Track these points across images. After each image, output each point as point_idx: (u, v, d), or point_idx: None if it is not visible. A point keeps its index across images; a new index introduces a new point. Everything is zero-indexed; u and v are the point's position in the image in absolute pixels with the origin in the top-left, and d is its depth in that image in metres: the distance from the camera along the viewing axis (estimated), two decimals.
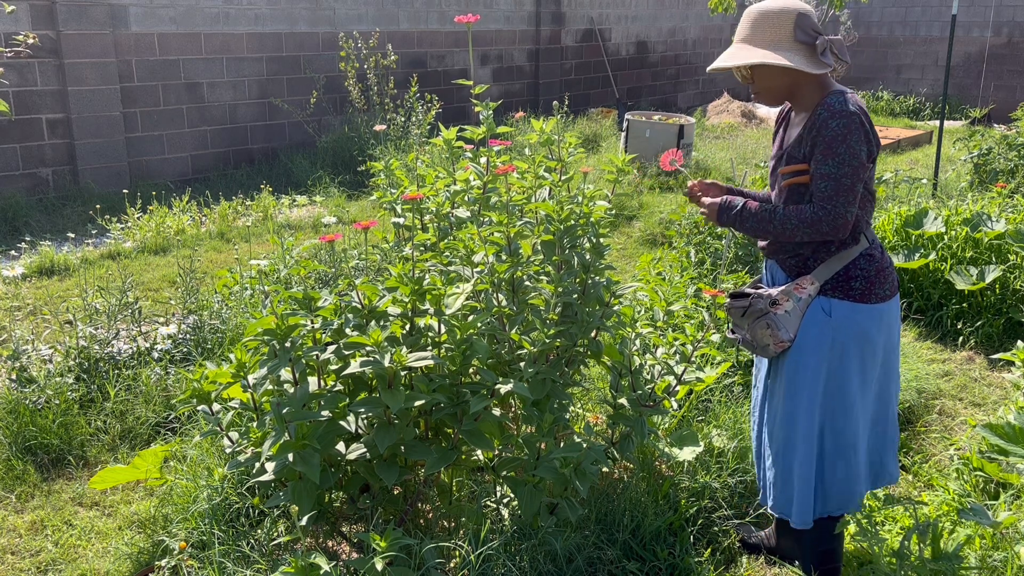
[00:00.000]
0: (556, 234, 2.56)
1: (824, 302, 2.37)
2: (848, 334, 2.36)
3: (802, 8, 2.32)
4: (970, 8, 13.66)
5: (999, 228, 4.96)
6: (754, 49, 2.32)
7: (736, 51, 2.36)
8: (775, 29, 2.31)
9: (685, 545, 2.73)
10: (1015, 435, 3.17)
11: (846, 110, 2.23)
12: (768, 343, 2.39)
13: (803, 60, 2.27)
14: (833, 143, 2.22)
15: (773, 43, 2.31)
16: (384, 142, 8.52)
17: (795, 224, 2.29)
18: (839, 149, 2.22)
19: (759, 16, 2.34)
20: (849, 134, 2.21)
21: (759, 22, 2.34)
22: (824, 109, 2.25)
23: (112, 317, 4.16)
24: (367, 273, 4.51)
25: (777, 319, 2.36)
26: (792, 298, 2.36)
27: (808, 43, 2.29)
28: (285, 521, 2.72)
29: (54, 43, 7.25)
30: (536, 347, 2.47)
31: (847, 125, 2.21)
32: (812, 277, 2.37)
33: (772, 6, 2.34)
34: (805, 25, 2.30)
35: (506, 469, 2.57)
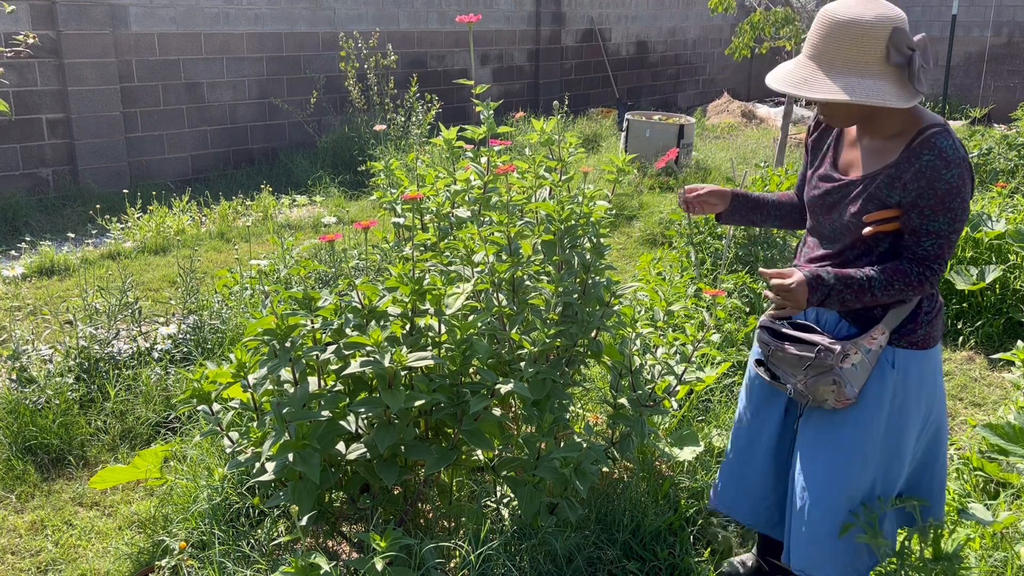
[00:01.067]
0: (556, 234, 2.56)
1: (889, 352, 2.10)
2: (911, 385, 2.12)
3: (898, 19, 1.85)
4: (970, 8, 13.66)
5: (999, 228, 4.96)
6: (833, 75, 1.87)
7: (808, 73, 1.90)
8: (863, 49, 1.85)
9: (685, 545, 2.73)
10: (1015, 435, 3.17)
11: (959, 156, 1.88)
12: (828, 398, 2.09)
13: (894, 89, 1.85)
14: (948, 197, 1.88)
15: (859, 66, 1.85)
16: (384, 142, 8.52)
17: (899, 289, 1.98)
18: (954, 204, 1.88)
19: (843, 29, 1.86)
20: (964, 186, 1.89)
21: (843, 38, 1.86)
22: (933, 154, 1.89)
23: (112, 317, 4.16)
24: (367, 273, 4.51)
25: (844, 374, 2.05)
26: (862, 351, 2.06)
27: (902, 64, 1.85)
28: (285, 521, 2.72)
29: (54, 43, 7.25)
30: (536, 347, 2.47)
31: (962, 176, 1.88)
32: (883, 326, 2.07)
33: (861, 16, 1.85)
34: (900, 43, 1.84)
35: (506, 469, 2.57)
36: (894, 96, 1.84)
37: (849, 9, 1.87)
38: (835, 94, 1.85)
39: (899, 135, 1.97)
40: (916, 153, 1.92)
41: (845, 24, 1.85)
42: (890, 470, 2.20)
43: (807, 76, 1.91)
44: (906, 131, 1.97)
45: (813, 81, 1.89)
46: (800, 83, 1.91)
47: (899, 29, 1.84)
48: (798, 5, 7.87)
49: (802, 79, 1.91)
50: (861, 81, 1.85)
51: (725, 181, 8.10)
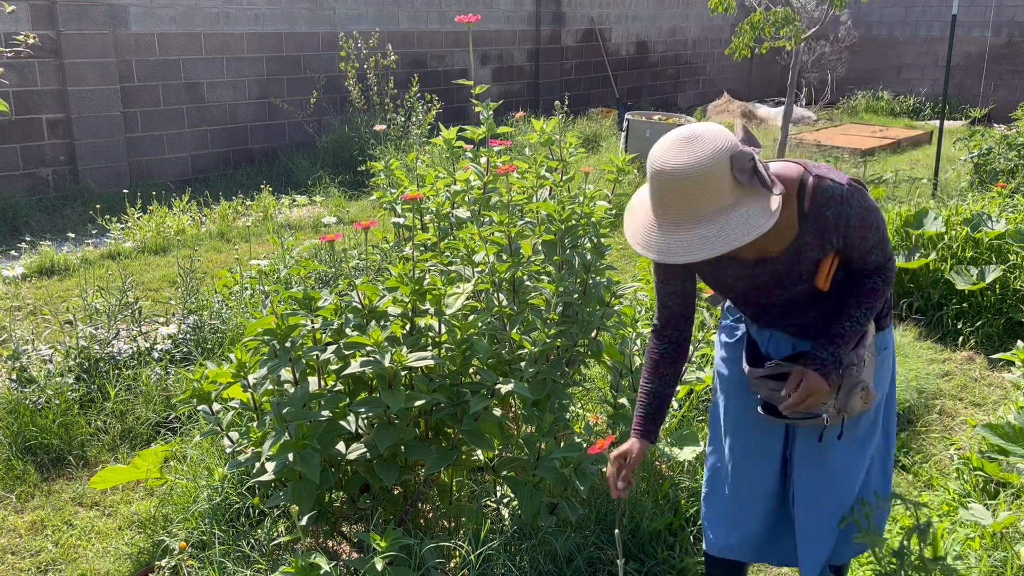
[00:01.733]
0: (557, 234, 2.56)
1: (880, 338, 2.14)
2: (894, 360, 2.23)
3: (729, 147, 1.74)
4: (970, 8, 13.66)
5: (999, 228, 4.96)
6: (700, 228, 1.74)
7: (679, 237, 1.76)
8: (716, 190, 1.74)
9: (685, 545, 2.72)
10: (1015, 435, 3.17)
11: (846, 188, 1.89)
12: (858, 405, 2.07)
13: (758, 206, 1.76)
14: (865, 221, 1.91)
15: (716, 206, 1.74)
16: (384, 142, 8.52)
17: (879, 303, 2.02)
18: (871, 220, 1.92)
19: (689, 180, 1.72)
20: (867, 201, 1.92)
21: (692, 189, 1.73)
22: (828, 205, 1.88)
23: (112, 317, 4.16)
24: (367, 273, 4.51)
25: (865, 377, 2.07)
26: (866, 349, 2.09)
27: (751, 179, 1.76)
28: (285, 521, 2.72)
29: (54, 43, 7.25)
30: (537, 347, 2.47)
31: (860, 198, 1.91)
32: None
33: (698, 162, 1.72)
34: (744, 164, 1.75)
35: (506, 469, 2.57)
36: (762, 214, 1.75)
37: (681, 160, 1.73)
38: (719, 249, 1.73)
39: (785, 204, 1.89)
40: (818, 214, 1.90)
41: (684, 178, 1.72)
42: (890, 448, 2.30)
43: (678, 241, 1.77)
44: (787, 199, 1.89)
45: (688, 244, 1.76)
46: (672, 251, 1.77)
47: (737, 154, 1.74)
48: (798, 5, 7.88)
49: (674, 246, 1.77)
50: (724, 220, 1.74)
51: None
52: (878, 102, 14.25)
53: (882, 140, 10.87)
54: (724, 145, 1.74)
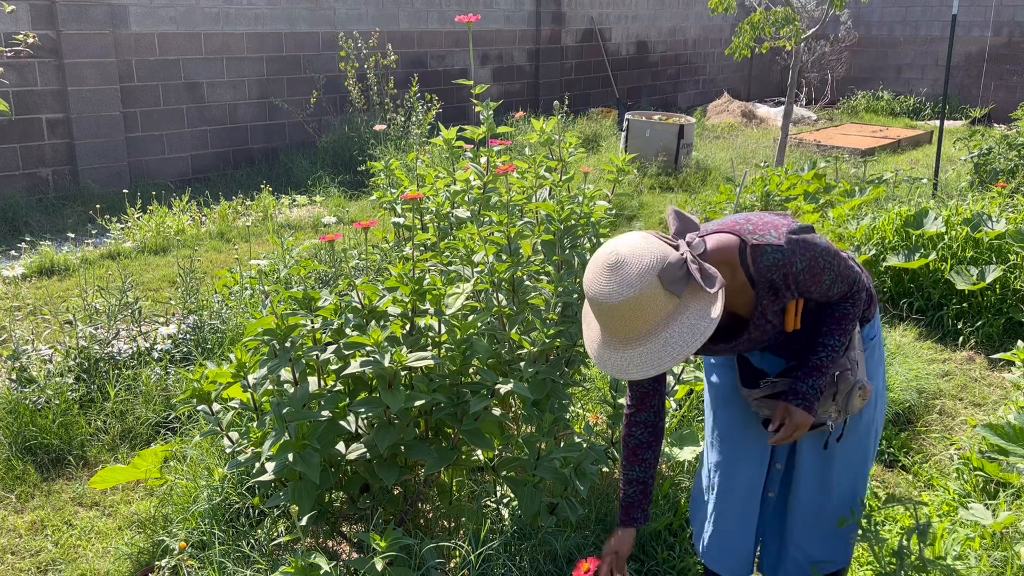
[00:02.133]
0: (556, 234, 2.56)
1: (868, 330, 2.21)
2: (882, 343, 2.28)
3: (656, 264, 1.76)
4: (970, 8, 13.66)
5: (999, 228, 4.96)
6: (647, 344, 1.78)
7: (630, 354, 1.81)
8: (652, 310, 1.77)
9: (685, 545, 2.72)
10: (1015, 435, 3.17)
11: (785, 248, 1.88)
12: (858, 404, 2.12)
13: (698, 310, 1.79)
14: (815, 270, 1.90)
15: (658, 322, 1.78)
16: (384, 142, 8.52)
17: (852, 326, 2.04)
18: (821, 264, 1.90)
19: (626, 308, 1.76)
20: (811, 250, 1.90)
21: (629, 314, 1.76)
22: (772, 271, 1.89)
23: (112, 317, 4.16)
24: (367, 273, 4.51)
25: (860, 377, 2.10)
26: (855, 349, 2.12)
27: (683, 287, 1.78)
28: (285, 521, 2.72)
29: (54, 43, 7.25)
30: (536, 347, 2.47)
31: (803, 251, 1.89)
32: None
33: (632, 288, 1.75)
34: (674, 276, 1.77)
35: (506, 469, 2.57)
36: (706, 315, 1.77)
37: (610, 289, 1.76)
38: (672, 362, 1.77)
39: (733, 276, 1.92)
40: (766, 281, 1.91)
41: (617, 307, 1.76)
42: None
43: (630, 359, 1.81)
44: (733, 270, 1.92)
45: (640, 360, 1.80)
46: (627, 369, 1.81)
47: (663, 270, 1.76)
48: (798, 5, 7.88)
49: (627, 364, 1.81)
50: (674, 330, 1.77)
51: (725, 181, 8.10)
52: (878, 102, 14.25)
53: (882, 140, 10.87)
54: (649, 264, 1.75)
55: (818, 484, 2.25)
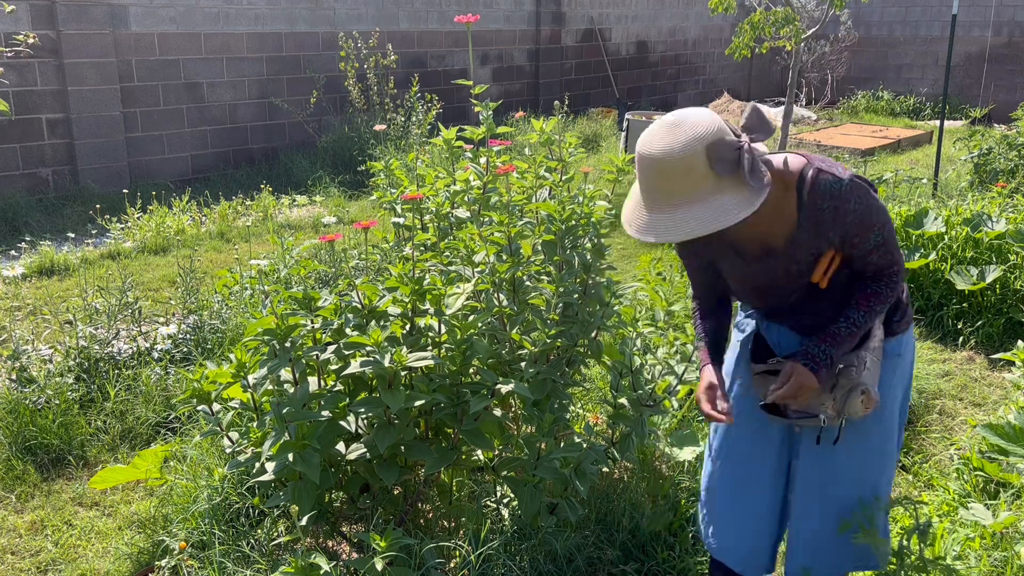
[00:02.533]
0: (557, 234, 2.56)
1: (894, 343, 2.13)
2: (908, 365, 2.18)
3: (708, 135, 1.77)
4: (970, 8, 13.66)
5: (999, 228, 4.96)
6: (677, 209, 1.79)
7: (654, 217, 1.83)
8: (689, 177, 1.77)
9: (685, 545, 2.72)
10: (1015, 435, 3.17)
11: (846, 183, 1.89)
12: (858, 409, 2.05)
13: (737, 198, 1.78)
14: (865, 219, 1.91)
15: (693, 192, 1.78)
16: (384, 142, 8.52)
17: (881, 308, 2.00)
18: (872, 218, 1.91)
19: (662, 167, 1.78)
20: (868, 199, 1.91)
21: (666, 174, 1.78)
22: (825, 199, 1.90)
23: (112, 317, 4.16)
24: (367, 273, 4.51)
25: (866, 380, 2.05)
26: (870, 351, 2.08)
27: (733, 169, 1.78)
28: (285, 521, 2.72)
29: (54, 43, 7.25)
30: (537, 347, 2.47)
31: (860, 195, 1.90)
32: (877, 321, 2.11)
33: (672, 149, 1.76)
34: (721, 153, 1.77)
35: (506, 469, 2.57)
36: (740, 205, 1.78)
37: (660, 145, 1.78)
38: (688, 234, 1.78)
39: (784, 196, 1.93)
40: (814, 208, 1.91)
41: (660, 161, 1.77)
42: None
43: (655, 221, 1.83)
44: (787, 190, 1.93)
45: (663, 224, 1.82)
46: (649, 229, 1.83)
47: (712, 144, 1.76)
48: (798, 5, 7.87)
49: (648, 224, 1.83)
50: (700, 207, 1.78)
51: None
52: (878, 102, 14.25)
53: (882, 140, 10.87)
54: (703, 134, 1.76)
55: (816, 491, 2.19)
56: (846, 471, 2.16)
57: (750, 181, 1.78)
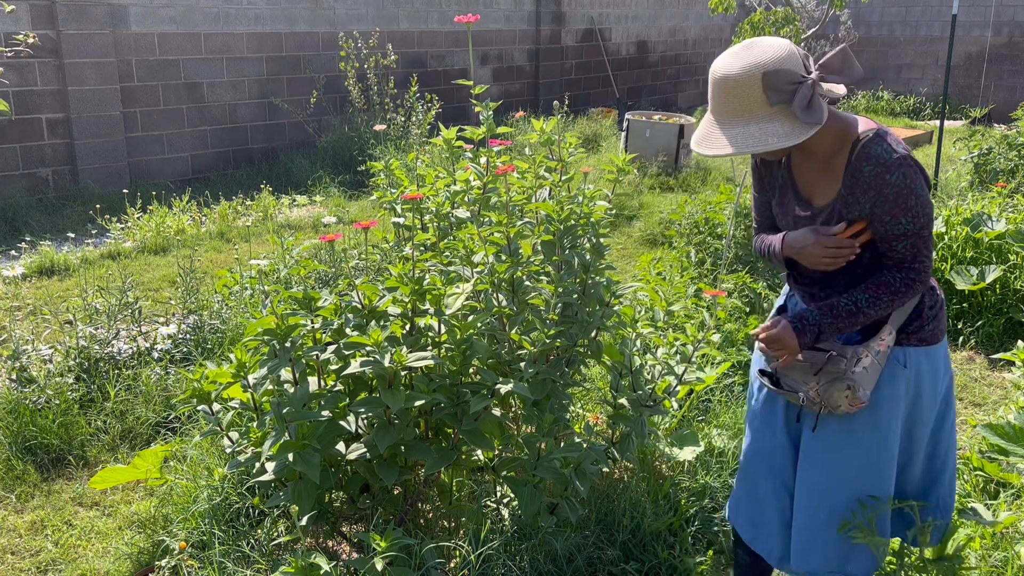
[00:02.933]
0: (556, 234, 2.56)
1: (899, 353, 2.09)
2: (924, 382, 2.11)
3: (769, 63, 1.85)
4: (970, 8, 13.66)
5: (999, 228, 4.96)
6: (727, 128, 1.91)
7: (708, 130, 1.96)
8: (742, 99, 1.88)
9: (685, 545, 2.73)
10: (1015, 435, 3.17)
11: (898, 156, 1.89)
12: (841, 403, 2.06)
13: (785, 128, 1.86)
14: (901, 199, 1.90)
15: (743, 115, 1.89)
16: (384, 142, 8.52)
17: (888, 300, 1.99)
18: (909, 203, 1.90)
19: (722, 85, 1.90)
20: (912, 182, 1.89)
21: (724, 93, 1.90)
22: (871, 163, 1.91)
23: (112, 317, 4.16)
24: (367, 273, 4.51)
25: (857, 378, 2.04)
26: (871, 352, 2.05)
27: (787, 102, 1.86)
28: (285, 521, 2.72)
29: (54, 43, 7.25)
30: (536, 347, 2.47)
31: (907, 174, 1.89)
32: (889, 326, 2.06)
33: (731, 70, 1.88)
34: (777, 84, 1.85)
35: (506, 469, 2.57)
36: (782, 135, 1.86)
37: (724, 65, 1.89)
38: (723, 149, 1.90)
39: (838, 153, 1.98)
40: (857, 168, 1.94)
41: (721, 80, 1.89)
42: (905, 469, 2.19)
43: (707, 133, 1.95)
44: (843, 147, 1.97)
45: (710, 138, 1.94)
46: (701, 141, 1.95)
47: (770, 72, 1.84)
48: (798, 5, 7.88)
49: (703, 137, 1.95)
50: (747, 129, 1.88)
51: (725, 181, 8.10)
52: (878, 102, 14.26)
53: None
54: (764, 61, 1.86)
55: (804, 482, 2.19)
56: (834, 469, 2.14)
57: (801, 116, 1.84)
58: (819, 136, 1.97)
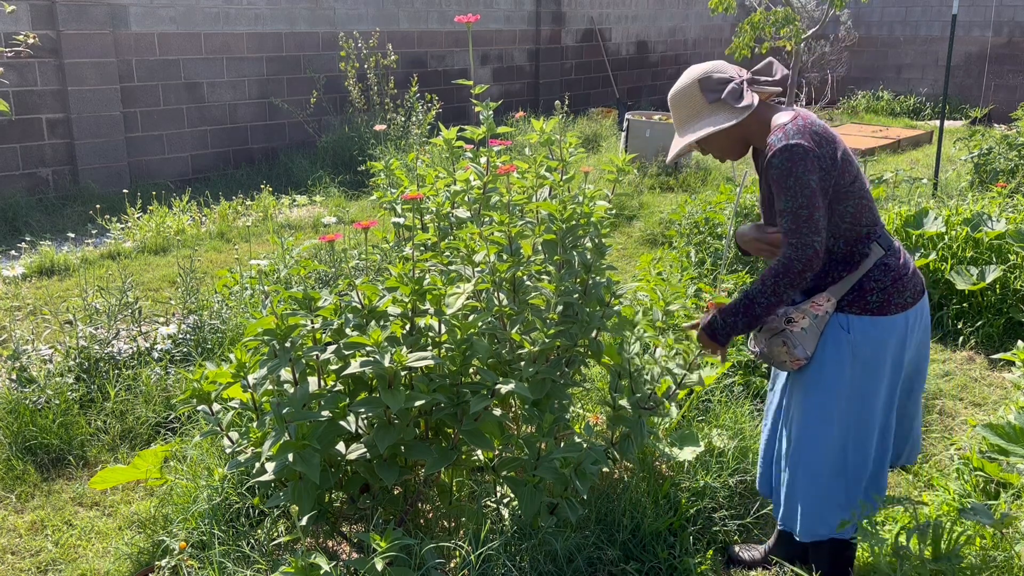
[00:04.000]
0: (558, 233, 2.56)
1: (842, 319, 2.31)
2: (869, 350, 2.30)
3: (702, 72, 2.33)
4: (970, 8, 13.66)
5: (999, 228, 4.96)
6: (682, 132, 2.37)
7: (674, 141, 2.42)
8: (688, 105, 2.35)
9: (685, 545, 2.73)
10: (1015, 435, 3.17)
11: (784, 145, 2.19)
12: (785, 359, 2.34)
13: (720, 116, 2.29)
14: (780, 179, 2.19)
15: (692, 118, 2.34)
16: (384, 142, 8.52)
17: (772, 281, 2.22)
18: (788, 183, 2.18)
19: (672, 99, 2.39)
20: (793, 166, 2.17)
21: (674, 105, 2.38)
22: (768, 150, 2.23)
23: (112, 317, 4.16)
24: (367, 273, 4.51)
25: (793, 337, 2.30)
26: (808, 316, 2.30)
27: (721, 98, 2.30)
28: (285, 521, 2.72)
29: (54, 43, 7.25)
30: (536, 347, 2.47)
31: (788, 158, 2.17)
32: (828, 294, 2.30)
33: (678, 85, 2.37)
34: (709, 86, 2.31)
35: (506, 469, 2.57)
36: (718, 122, 2.29)
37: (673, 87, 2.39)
38: (677, 145, 2.38)
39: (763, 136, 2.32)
40: (762, 155, 2.29)
41: (671, 98, 2.40)
42: (860, 429, 2.37)
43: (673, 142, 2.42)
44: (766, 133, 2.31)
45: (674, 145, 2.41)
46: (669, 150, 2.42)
47: (704, 78, 2.31)
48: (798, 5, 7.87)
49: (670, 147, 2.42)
50: (694, 125, 2.34)
51: (725, 181, 8.10)
52: (878, 102, 14.25)
53: (882, 140, 10.87)
54: (698, 73, 2.33)
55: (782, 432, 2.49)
56: (793, 420, 2.42)
57: (732, 103, 2.27)
58: (757, 130, 2.32)
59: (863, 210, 2.30)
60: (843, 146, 2.29)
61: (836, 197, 2.26)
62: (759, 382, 3.70)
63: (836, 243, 2.30)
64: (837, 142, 2.27)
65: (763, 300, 2.25)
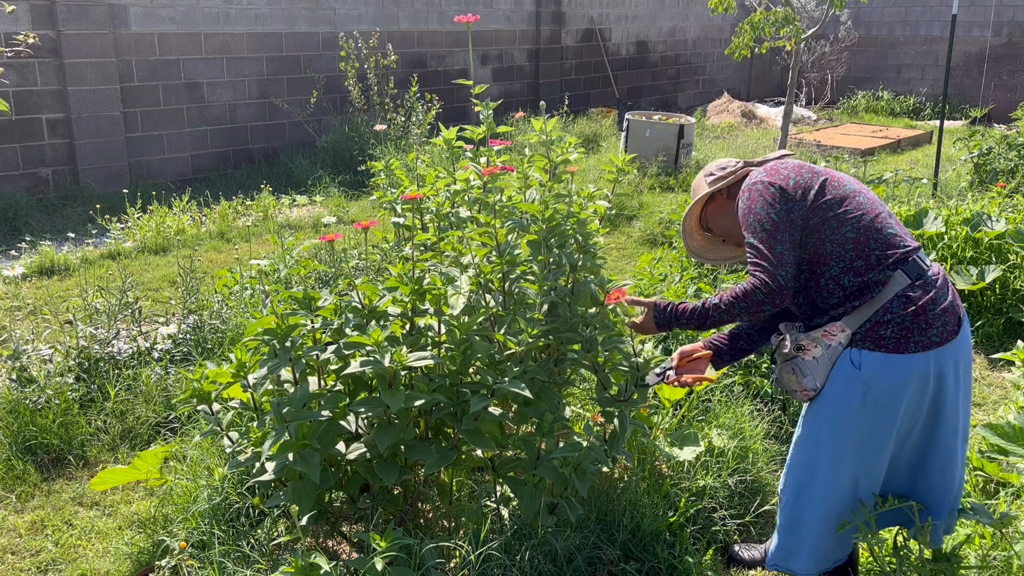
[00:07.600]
0: (539, 234, 2.55)
1: (854, 353, 2.16)
2: (879, 390, 2.14)
3: (709, 166, 2.58)
4: (970, 8, 13.66)
5: (999, 228, 4.96)
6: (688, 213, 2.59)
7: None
8: (697, 191, 2.56)
9: (685, 545, 2.73)
10: (1015, 435, 3.17)
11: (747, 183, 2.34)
12: (795, 388, 2.26)
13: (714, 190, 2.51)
14: (743, 215, 2.30)
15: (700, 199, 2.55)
16: (384, 142, 8.52)
17: (730, 300, 2.25)
18: (748, 220, 2.27)
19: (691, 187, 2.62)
20: (752, 203, 2.27)
21: (691, 195, 2.61)
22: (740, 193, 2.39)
23: (112, 317, 4.16)
24: (367, 273, 4.51)
25: (804, 365, 2.21)
26: (821, 345, 2.19)
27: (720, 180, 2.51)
28: (285, 521, 2.72)
29: (54, 43, 7.25)
30: (521, 347, 2.47)
31: (748, 198, 2.30)
32: (843, 324, 2.17)
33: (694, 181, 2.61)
34: (711, 177, 2.53)
35: (506, 469, 2.57)
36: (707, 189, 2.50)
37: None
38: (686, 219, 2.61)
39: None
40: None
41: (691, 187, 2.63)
42: (872, 469, 2.25)
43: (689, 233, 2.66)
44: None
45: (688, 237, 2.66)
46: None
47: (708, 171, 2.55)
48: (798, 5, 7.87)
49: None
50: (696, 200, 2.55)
51: None
52: (878, 102, 14.25)
53: (882, 140, 10.87)
54: (708, 168, 2.56)
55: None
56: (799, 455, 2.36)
57: (719, 183, 2.48)
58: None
59: (869, 233, 2.17)
60: (828, 175, 2.28)
61: (826, 225, 2.19)
62: (759, 382, 3.70)
63: (845, 276, 2.18)
64: (817, 172, 2.29)
65: (716, 315, 2.33)
